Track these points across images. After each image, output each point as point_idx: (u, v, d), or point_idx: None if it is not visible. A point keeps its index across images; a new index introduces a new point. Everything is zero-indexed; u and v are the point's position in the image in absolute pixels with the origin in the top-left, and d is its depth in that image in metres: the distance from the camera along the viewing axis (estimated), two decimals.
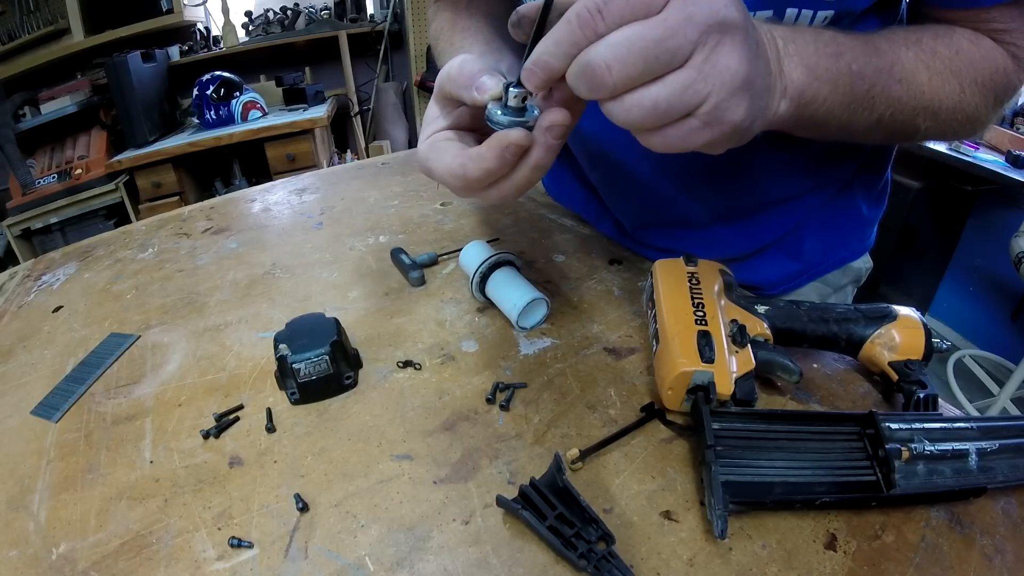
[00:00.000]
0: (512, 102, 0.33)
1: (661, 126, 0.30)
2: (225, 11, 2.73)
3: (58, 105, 2.43)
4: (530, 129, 0.34)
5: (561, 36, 0.29)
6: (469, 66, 0.35)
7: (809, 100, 0.37)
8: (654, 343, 0.45)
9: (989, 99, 0.43)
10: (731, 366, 0.39)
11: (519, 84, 0.32)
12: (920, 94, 0.41)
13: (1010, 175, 1.76)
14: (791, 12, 0.42)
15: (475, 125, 0.40)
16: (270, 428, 0.44)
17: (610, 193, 0.65)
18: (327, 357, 0.45)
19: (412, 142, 3.30)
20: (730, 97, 0.29)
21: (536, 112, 0.34)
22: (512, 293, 0.52)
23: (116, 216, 2.56)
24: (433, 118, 0.40)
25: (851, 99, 0.39)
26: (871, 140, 0.48)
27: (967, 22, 0.43)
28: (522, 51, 0.33)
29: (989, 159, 1.87)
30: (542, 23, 0.31)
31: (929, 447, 0.34)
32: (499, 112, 0.34)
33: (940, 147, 1.98)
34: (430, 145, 0.38)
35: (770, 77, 0.34)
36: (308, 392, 0.46)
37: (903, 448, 0.34)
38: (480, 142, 0.35)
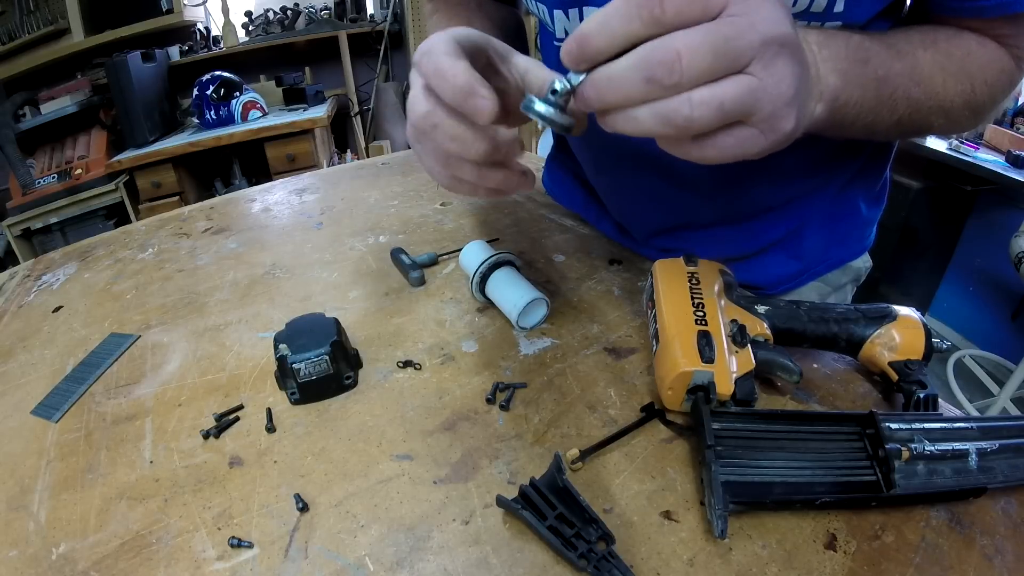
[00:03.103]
0: (552, 97, 0.31)
1: (714, 134, 0.30)
2: (225, 11, 2.72)
3: (58, 105, 2.43)
4: (567, 130, 0.32)
5: (612, 13, 0.28)
6: (461, 73, 0.32)
7: (842, 104, 0.39)
8: (654, 343, 0.45)
9: (996, 96, 0.46)
10: (731, 366, 0.39)
11: (563, 80, 0.31)
12: (935, 95, 0.43)
13: (1010, 175, 1.76)
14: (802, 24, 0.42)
15: None
16: (270, 428, 0.44)
17: (614, 199, 0.65)
18: (327, 357, 0.45)
19: None
20: (784, 107, 0.30)
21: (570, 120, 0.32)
22: (512, 293, 0.52)
23: (116, 216, 2.55)
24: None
25: (877, 102, 0.41)
26: (888, 138, 0.50)
27: (973, 28, 0.45)
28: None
29: (989, 159, 1.87)
30: None
31: (929, 447, 0.34)
32: (539, 102, 0.31)
33: (940, 147, 1.98)
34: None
35: (810, 83, 0.35)
36: (308, 392, 0.46)
37: (903, 448, 0.34)
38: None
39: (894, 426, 0.35)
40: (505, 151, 0.36)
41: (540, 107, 0.32)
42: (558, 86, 0.31)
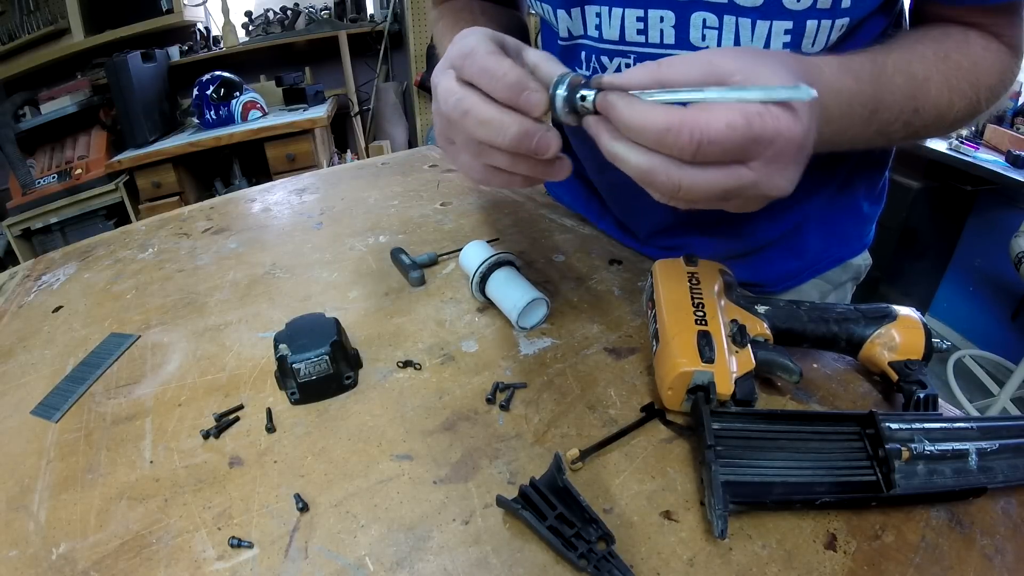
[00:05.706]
0: (577, 102, 0.34)
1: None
2: (225, 11, 2.72)
3: (58, 105, 2.43)
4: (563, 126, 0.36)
5: (647, 127, 0.30)
6: (510, 71, 0.34)
7: (827, 148, 0.40)
8: (654, 343, 0.45)
9: (997, 97, 0.47)
10: (731, 366, 0.39)
11: (587, 85, 0.34)
12: (939, 118, 0.44)
13: (1010, 175, 1.76)
14: (811, 24, 0.42)
15: None
16: (270, 428, 0.44)
17: (616, 197, 0.66)
18: (327, 357, 0.45)
19: (412, 142, 3.30)
20: (768, 198, 0.33)
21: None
22: (512, 293, 0.52)
23: (116, 216, 2.55)
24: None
25: (869, 142, 0.42)
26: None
27: (970, 18, 0.45)
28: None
29: (989, 159, 1.87)
30: None
31: (929, 447, 0.34)
32: (565, 110, 0.35)
33: (940, 147, 1.98)
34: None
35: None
36: (308, 392, 0.46)
37: (903, 448, 0.34)
38: None
39: (894, 426, 0.35)
40: (536, 140, 0.36)
41: (567, 118, 0.35)
42: (586, 94, 0.34)
